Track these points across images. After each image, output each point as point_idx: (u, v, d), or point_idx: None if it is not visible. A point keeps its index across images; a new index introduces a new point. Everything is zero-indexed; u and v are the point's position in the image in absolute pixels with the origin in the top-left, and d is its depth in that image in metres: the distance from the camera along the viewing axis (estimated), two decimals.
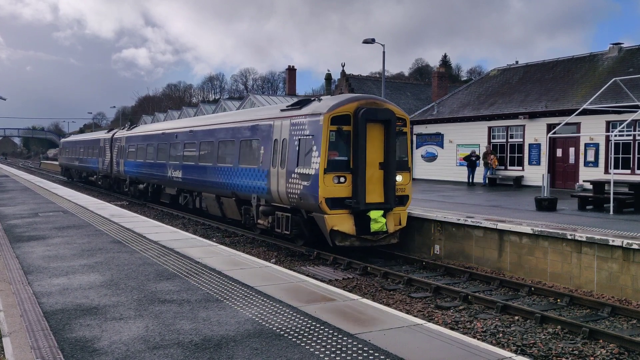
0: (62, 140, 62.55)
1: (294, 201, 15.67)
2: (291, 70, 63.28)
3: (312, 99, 16.44)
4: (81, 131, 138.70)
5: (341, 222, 14.67)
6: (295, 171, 15.38)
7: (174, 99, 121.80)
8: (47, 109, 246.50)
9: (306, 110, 15.70)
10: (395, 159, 15.04)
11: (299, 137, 15.47)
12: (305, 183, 14.95)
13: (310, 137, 14.99)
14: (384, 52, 32.72)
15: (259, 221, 17.85)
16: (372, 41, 32.24)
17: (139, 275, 9.59)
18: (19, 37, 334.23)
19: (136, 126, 36.21)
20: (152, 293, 8.42)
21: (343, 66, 47.07)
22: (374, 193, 14.83)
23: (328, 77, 53.12)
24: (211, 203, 21.79)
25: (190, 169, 23.48)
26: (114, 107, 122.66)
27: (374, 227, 14.73)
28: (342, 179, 14.68)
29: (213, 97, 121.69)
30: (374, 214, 14.73)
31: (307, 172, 14.91)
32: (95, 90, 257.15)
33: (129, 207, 28.30)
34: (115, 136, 36.24)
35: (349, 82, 45.89)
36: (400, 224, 15.60)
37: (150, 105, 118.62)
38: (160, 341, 6.30)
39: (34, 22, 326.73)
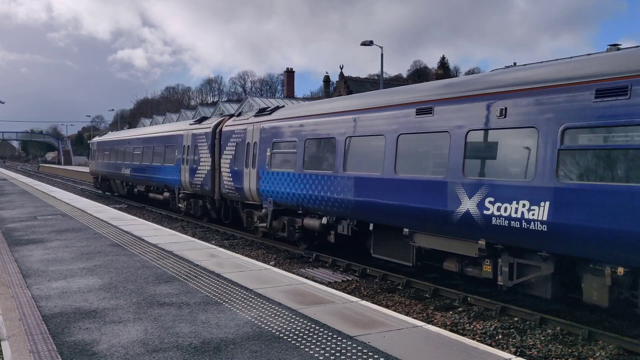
0: (96, 139, 44.13)
1: None
2: (289, 73, 63.61)
3: None
4: (80, 135, 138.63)
5: None
6: None
7: (173, 101, 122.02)
8: (45, 112, 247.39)
9: None
10: None
11: None
12: None
13: None
14: (382, 54, 32.83)
15: None
16: (371, 43, 32.30)
17: (137, 279, 9.57)
18: (14, 39, 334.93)
19: (278, 108, 18.58)
20: (151, 296, 8.41)
21: (341, 68, 47.29)
22: None
23: (326, 79, 53.24)
24: None
25: None
26: (112, 110, 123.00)
27: None
28: None
29: (211, 99, 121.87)
30: None
31: None
32: (93, 92, 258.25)
33: (127, 210, 28.27)
34: (225, 129, 20.69)
35: (347, 84, 45.95)
36: None
37: (148, 108, 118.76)
38: (159, 344, 6.29)
39: (28, 22, 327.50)
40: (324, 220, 14.65)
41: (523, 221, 9.26)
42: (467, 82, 11.19)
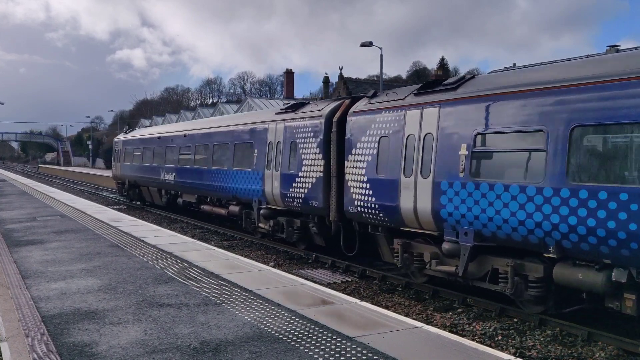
0: (121, 137, 35.52)
1: None
2: (289, 74, 63.80)
3: None
4: (79, 136, 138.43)
5: None
6: None
7: (172, 102, 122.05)
8: (44, 113, 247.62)
9: None
10: None
11: None
12: None
13: None
14: (381, 55, 32.86)
15: None
16: (370, 44, 32.34)
17: (137, 280, 9.57)
18: (12, 39, 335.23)
19: (465, 79, 11.22)
20: (150, 297, 8.41)
21: (341, 69, 47.36)
22: None
23: (326, 80, 53.28)
24: None
25: None
26: (112, 110, 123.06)
27: None
28: None
29: (211, 100, 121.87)
30: None
31: None
32: (92, 92, 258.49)
33: (126, 211, 28.25)
34: (354, 117, 13.75)
35: (347, 85, 45.97)
36: None
37: (147, 109, 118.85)
38: (158, 345, 6.28)
39: (26, 22, 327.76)
40: (617, 274, 8.17)
41: None
42: None
